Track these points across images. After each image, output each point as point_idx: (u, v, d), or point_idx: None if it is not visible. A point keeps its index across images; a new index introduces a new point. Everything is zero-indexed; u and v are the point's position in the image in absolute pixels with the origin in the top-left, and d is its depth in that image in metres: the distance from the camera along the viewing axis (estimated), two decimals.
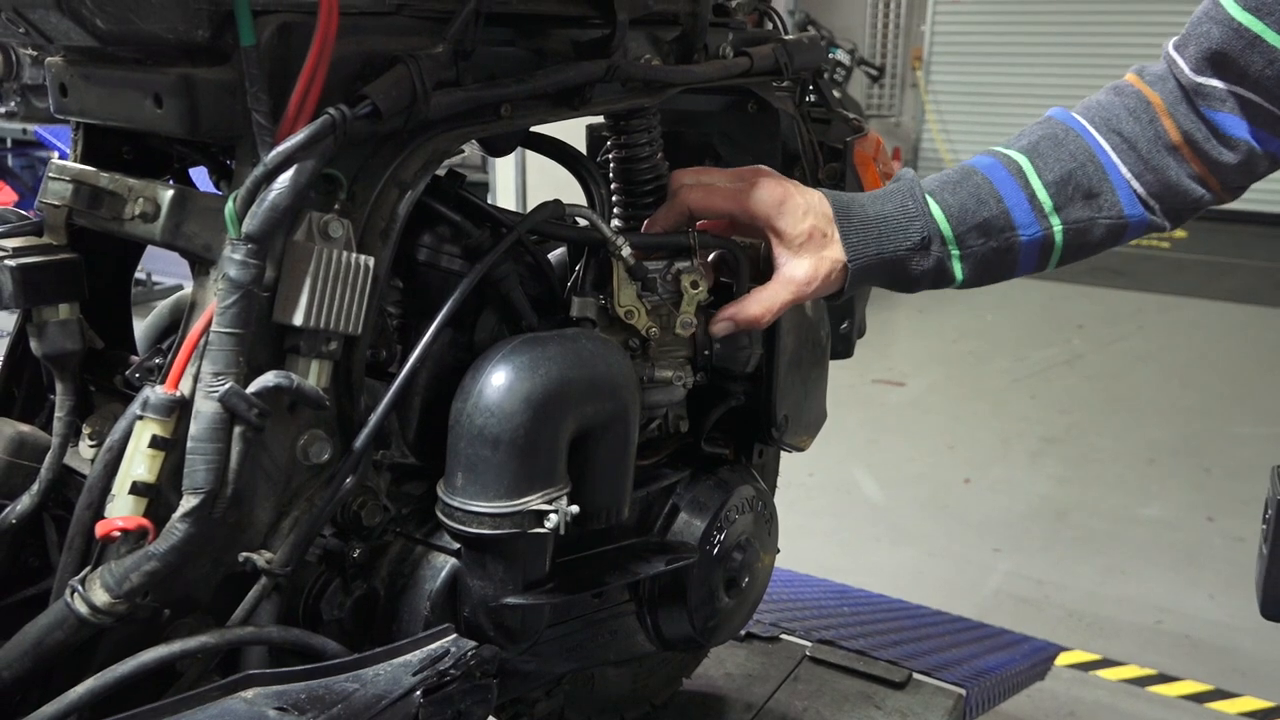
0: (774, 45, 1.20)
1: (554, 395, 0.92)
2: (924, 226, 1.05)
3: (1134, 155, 1.06)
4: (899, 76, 9.89)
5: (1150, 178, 1.06)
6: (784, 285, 1.05)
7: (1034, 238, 1.07)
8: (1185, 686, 2.66)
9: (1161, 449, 4.14)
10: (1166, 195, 1.07)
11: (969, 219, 1.06)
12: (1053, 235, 1.07)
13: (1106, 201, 1.07)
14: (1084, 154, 1.06)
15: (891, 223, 1.06)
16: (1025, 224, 1.06)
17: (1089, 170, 1.06)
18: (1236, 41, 0.99)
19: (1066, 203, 1.06)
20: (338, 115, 0.79)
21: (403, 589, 0.96)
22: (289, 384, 0.80)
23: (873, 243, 1.05)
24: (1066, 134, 1.08)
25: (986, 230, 1.06)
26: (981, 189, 1.06)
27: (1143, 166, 1.06)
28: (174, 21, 0.76)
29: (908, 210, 1.06)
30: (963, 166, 1.09)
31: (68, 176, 0.92)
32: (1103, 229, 1.08)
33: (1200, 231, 8.20)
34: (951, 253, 1.07)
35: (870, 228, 1.05)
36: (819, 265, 1.04)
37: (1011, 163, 1.07)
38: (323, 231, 0.82)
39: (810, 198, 1.05)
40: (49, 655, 0.78)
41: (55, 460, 0.93)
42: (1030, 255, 1.08)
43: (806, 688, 1.61)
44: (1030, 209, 1.06)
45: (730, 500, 1.20)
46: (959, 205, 1.06)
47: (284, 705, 0.73)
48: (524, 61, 0.97)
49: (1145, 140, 1.06)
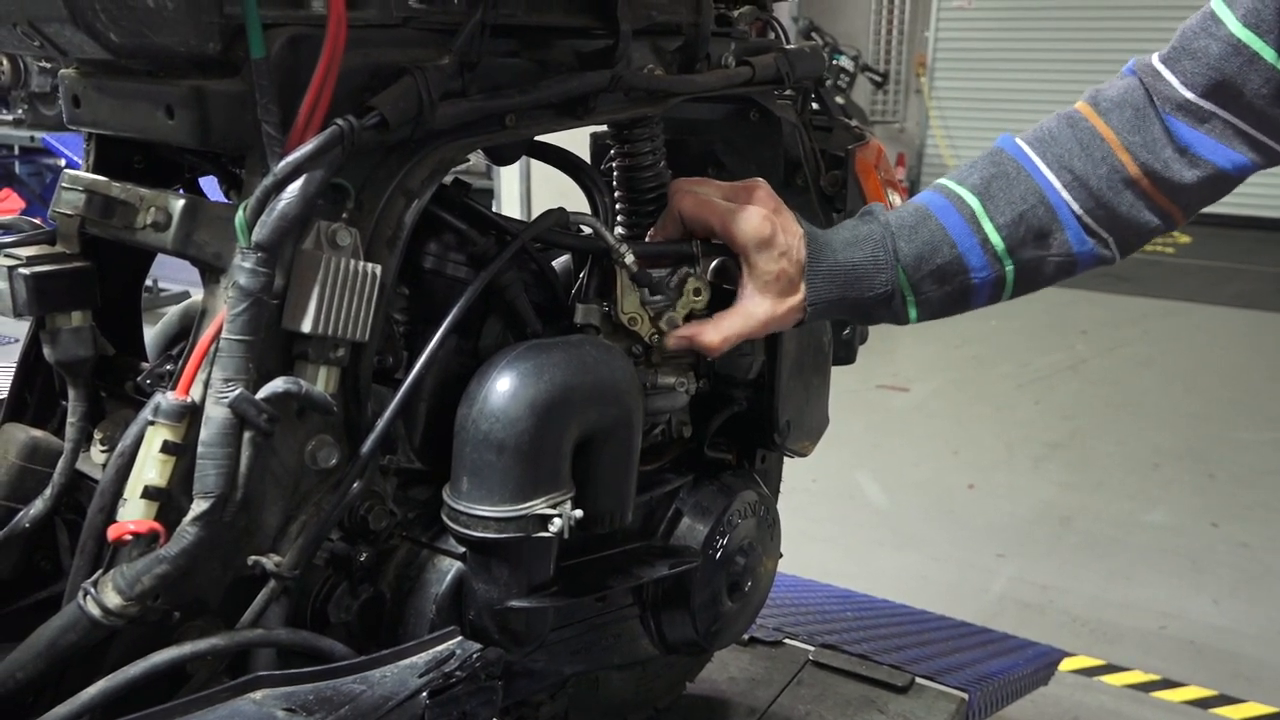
0: (776, 54, 1.21)
1: (558, 401, 0.93)
2: (890, 280, 1.07)
3: (1085, 192, 1.06)
4: (903, 82, 9.89)
5: (1102, 214, 1.07)
6: (744, 319, 1.07)
7: (986, 280, 1.08)
8: (1189, 692, 2.66)
9: (1165, 454, 4.13)
10: (1118, 229, 1.08)
11: (924, 266, 1.07)
12: (1004, 275, 1.09)
13: (1056, 240, 1.08)
14: (1034, 195, 1.07)
15: (860, 271, 1.07)
16: (978, 267, 1.08)
17: (1039, 212, 1.07)
18: (1235, 58, 0.97)
19: (1018, 245, 1.07)
20: (346, 126, 0.80)
21: (409, 592, 0.97)
22: (298, 390, 0.81)
23: (836, 288, 1.08)
24: (1018, 172, 1.08)
25: (941, 276, 1.08)
26: (936, 235, 1.07)
27: (1094, 203, 1.06)
28: (186, 35, 0.77)
29: (878, 261, 1.07)
30: (919, 208, 1.10)
31: (80, 186, 0.93)
32: (1052, 266, 1.09)
33: (1203, 237, 8.19)
34: (907, 298, 1.09)
35: (838, 275, 1.07)
36: (777, 308, 1.07)
37: (965, 206, 1.08)
38: (331, 240, 0.83)
39: (791, 238, 1.07)
40: (62, 657, 0.79)
41: (67, 465, 0.94)
42: (982, 294, 1.10)
43: (810, 692, 1.62)
44: (983, 253, 1.07)
45: (733, 505, 1.21)
46: (914, 254, 1.07)
47: (292, 706, 0.74)
48: (528, 72, 0.98)
49: (1097, 177, 1.06)
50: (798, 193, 1.28)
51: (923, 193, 1.12)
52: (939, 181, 1.13)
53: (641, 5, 1.04)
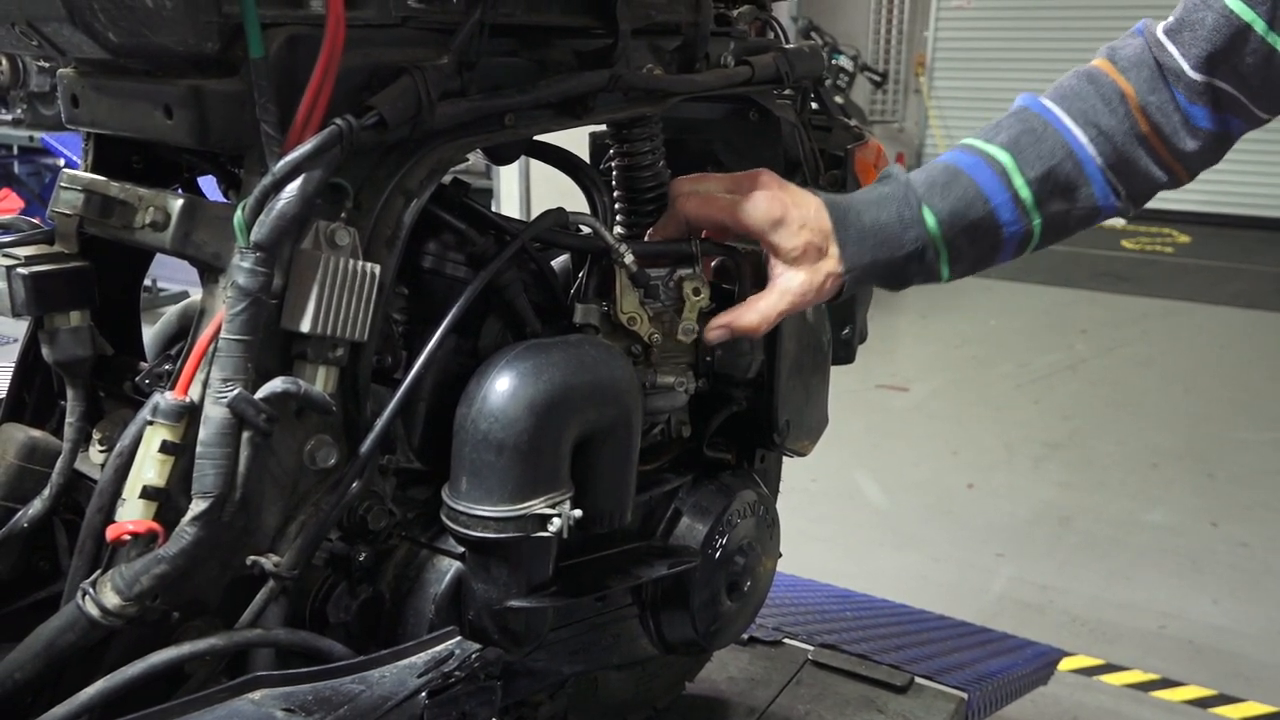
0: (775, 54, 1.21)
1: (557, 401, 0.93)
2: (919, 236, 1.07)
3: (1109, 146, 1.08)
4: (902, 82, 9.89)
5: (1122, 167, 1.09)
6: (780, 295, 1.07)
7: (1015, 234, 1.09)
8: (1189, 692, 2.66)
9: (1165, 454, 4.13)
10: (1134, 182, 1.10)
11: (959, 223, 1.08)
12: (1032, 229, 1.10)
13: (1082, 194, 1.09)
14: (1062, 150, 1.08)
15: (888, 231, 1.07)
16: (1010, 222, 1.08)
17: (1067, 167, 1.08)
18: (1226, 28, 1.01)
19: (1047, 199, 1.09)
20: (344, 125, 0.80)
21: (408, 592, 0.97)
22: (296, 390, 0.81)
23: (869, 252, 1.07)
24: (1045, 129, 1.09)
25: (974, 233, 1.08)
26: (969, 191, 1.08)
27: (1116, 157, 1.08)
28: (184, 34, 0.77)
29: (904, 218, 1.07)
30: (948, 166, 1.11)
31: (79, 186, 0.93)
32: (1075, 219, 1.11)
33: (1203, 236, 8.20)
34: (941, 255, 1.09)
35: (867, 238, 1.07)
36: (814, 277, 1.07)
37: (995, 162, 1.09)
38: (330, 240, 0.83)
39: (806, 210, 1.07)
40: (60, 657, 0.79)
41: (66, 465, 0.94)
42: (1009, 248, 1.11)
43: (809, 692, 1.62)
44: (1014, 208, 1.08)
45: (732, 505, 1.21)
46: (949, 211, 1.08)
47: (291, 706, 0.74)
48: (527, 72, 0.98)
49: (1120, 132, 1.08)
50: None
51: (948, 152, 1.13)
52: (965, 141, 1.13)
53: (640, 5, 1.04)
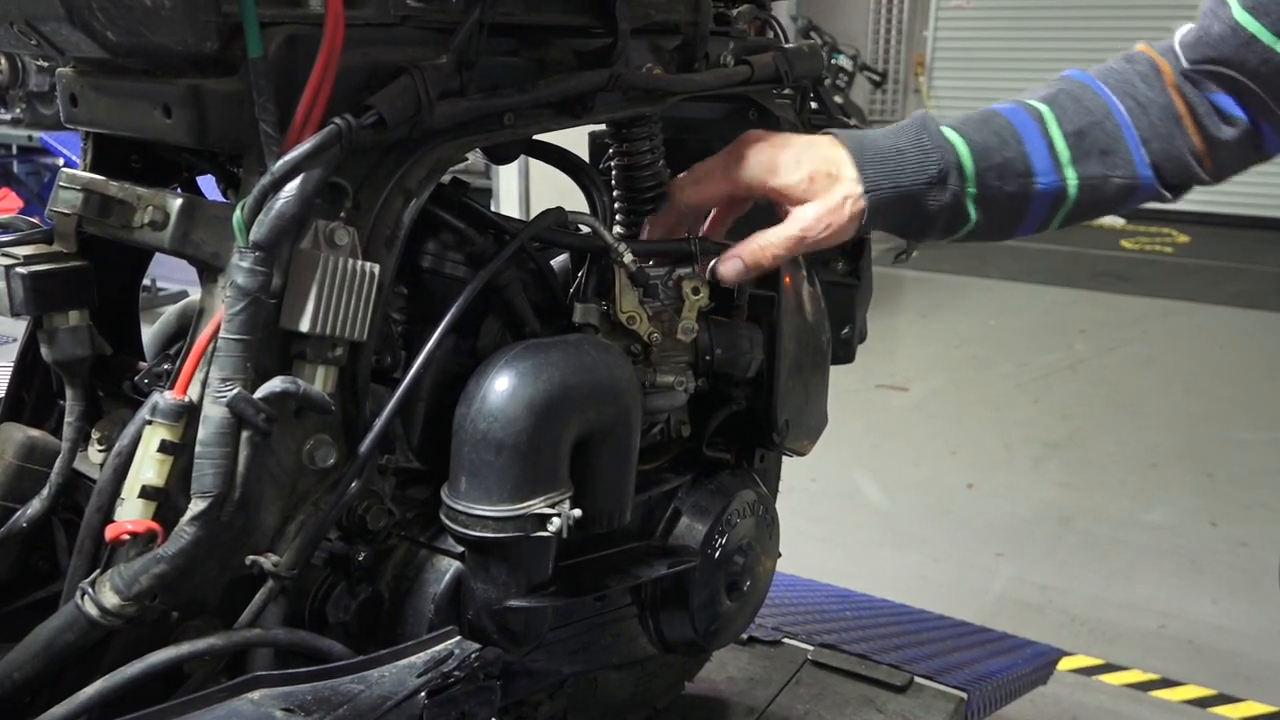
0: (774, 53, 1.21)
1: (556, 400, 0.93)
2: (941, 159, 1.02)
3: (1145, 120, 1.06)
4: (901, 82, 9.90)
5: (1157, 145, 1.06)
6: (793, 223, 1.01)
7: (1048, 187, 1.05)
8: (1188, 691, 2.66)
9: (1164, 454, 4.14)
10: (1169, 165, 1.07)
11: (991, 157, 1.04)
12: (1066, 188, 1.06)
13: (1121, 160, 1.06)
14: (1101, 110, 1.06)
15: (908, 156, 1.02)
16: (1043, 171, 1.04)
17: (1106, 127, 1.05)
18: (1233, 39, 1.01)
19: (1083, 156, 1.05)
20: (343, 125, 0.80)
21: (407, 592, 0.97)
22: (295, 389, 0.81)
23: (890, 175, 1.02)
24: (1084, 90, 1.08)
25: (1004, 172, 1.04)
26: (1004, 130, 1.05)
27: (1152, 132, 1.06)
28: (183, 34, 0.77)
29: (923, 144, 1.03)
30: (985, 110, 1.08)
31: (78, 185, 0.93)
32: (1114, 187, 1.07)
33: (1203, 236, 8.20)
34: (969, 190, 1.04)
35: (887, 160, 1.02)
36: (828, 201, 1.01)
37: (1034, 110, 1.06)
38: (329, 239, 0.83)
39: (801, 146, 1.03)
40: (59, 657, 0.79)
41: (65, 465, 0.94)
42: (1041, 206, 1.06)
43: (808, 691, 1.62)
44: (1049, 156, 1.05)
45: (732, 504, 1.21)
46: (981, 142, 1.04)
47: (290, 706, 0.74)
48: (527, 71, 0.98)
49: (1157, 107, 1.06)
50: None
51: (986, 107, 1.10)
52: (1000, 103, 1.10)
53: (640, 4, 1.04)
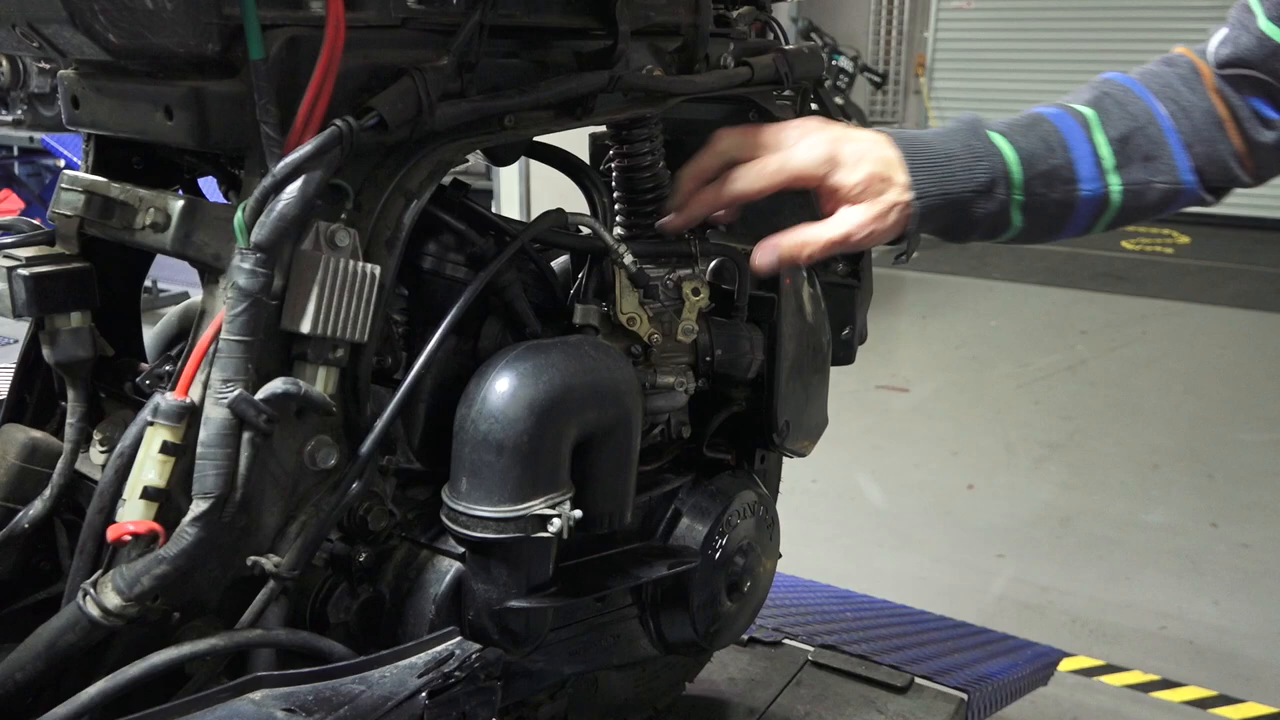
0: (775, 55, 1.21)
1: (557, 401, 0.93)
2: (990, 168, 1.02)
3: (1189, 124, 1.05)
4: (902, 83, 9.90)
5: (1200, 149, 1.06)
6: (838, 224, 1.00)
7: (1092, 194, 1.05)
8: (1189, 692, 2.66)
9: (1165, 455, 4.14)
10: (1211, 168, 1.07)
11: (1038, 165, 1.03)
12: (1109, 194, 1.05)
13: (1165, 165, 1.05)
14: (1145, 115, 1.05)
15: (958, 162, 1.02)
16: (1088, 178, 1.04)
17: (1150, 132, 1.05)
18: (1259, 49, 1.01)
19: (1127, 162, 1.05)
20: (345, 127, 0.80)
21: (408, 592, 0.97)
22: (297, 390, 0.81)
23: (939, 181, 1.01)
24: (1127, 94, 1.07)
25: (1051, 179, 1.03)
26: (1050, 137, 1.04)
27: (1195, 137, 1.06)
28: (185, 35, 0.77)
29: (974, 149, 1.02)
30: (1031, 113, 1.07)
31: (80, 187, 0.93)
32: (1158, 193, 1.06)
33: (1203, 237, 8.20)
34: (1015, 198, 1.03)
35: (938, 165, 1.01)
36: (875, 208, 1.00)
37: (1079, 115, 1.06)
38: (330, 241, 0.83)
39: (862, 142, 1.02)
40: (61, 657, 0.80)
41: (66, 466, 0.95)
42: (1084, 212, 1.06)
43: (809, 692, 1.62)
44: (1094, 163, 1.04)
45: (732, 505, 1.21)
46: (1029, 149, 1.03)
47: (292, 707, 0.74)
48: (527, 73, 0.99)
49: (1199, 111, 1.05)
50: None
51: (1031, 109, 1.09)
52: (1044, 105, 1.09)
53: (640, 6, 1.04)
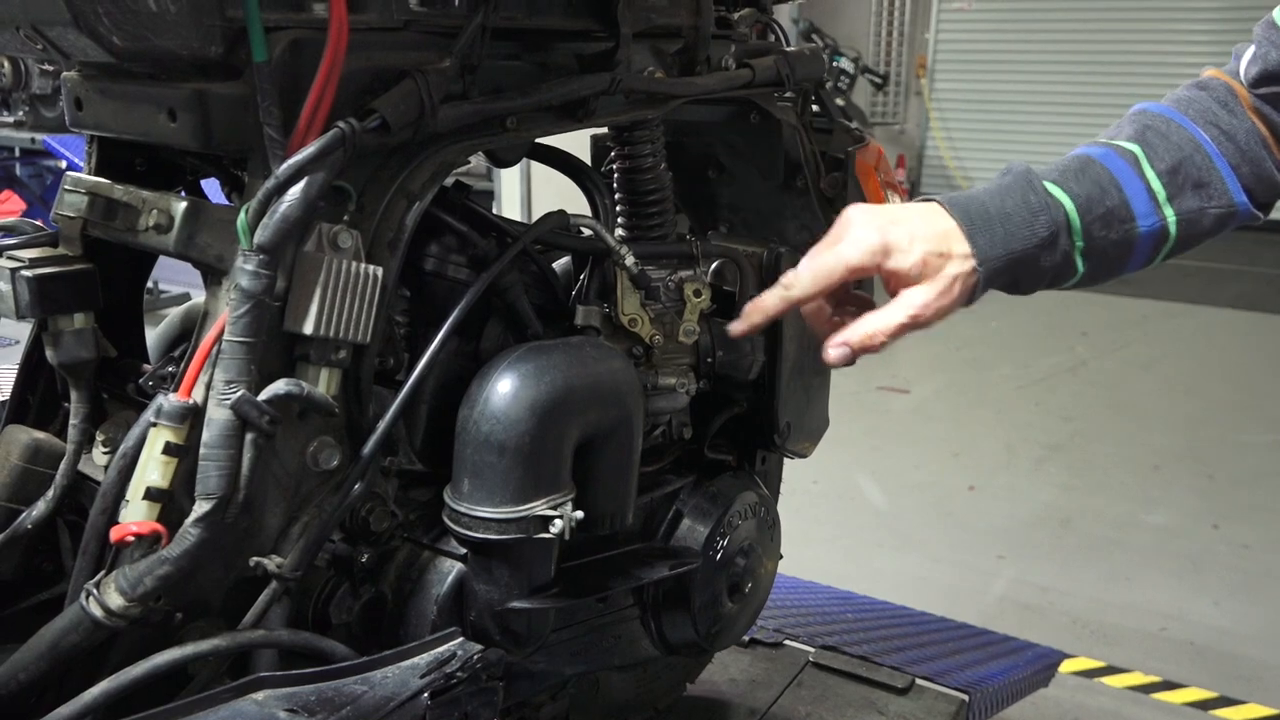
0: (776, 57, 1.22)
1: (558, 402, 0.93)
2: (1050, 221, 1.00)
3: (1232, 146, 1.05)
4: (903, 84, 9.89)
5: (1247, 170, 1.06)
6: (904, 306, 0.98)
7: (1151, 229, 1.04)
8: (1190, 694, 2.66)
9: (1166, 456, 4.13)
10: (1259, 186, 1.06)
11: (1095, 209, 1.02)
12: (1167, 226, 1.04)
13: (1216, 190, 1.05)
14: (1190, 144, 1.05)
15: (1017, 219, 1.00)
16: (1144, 214, 1.03)
17: (1197, 160, 1.05)
18: None
19: (1178, 192, 1.04)
20: (347, 128, 0.80)
21: (410, 593, 0.97)
22: (299, 392, 0.81)
23: (1001, 243, 0.99)
24: (1169, 125, 1.07)
25: (1109, 221, 1.02)
26: (1103, 178, 1.03)
27: (1240, 158, 1.05)
28: (188, 38, 0.78)
29: (1031, 204, 1.01)
30: (1079, 155, 1.07)
31: (83, 189, 0.93)
32: (1212, 219, 1.06)
33: None
34: (1077, 245, 1.02)
35: (996, 226, 1.00)
36: (938, 285, 0.97)
37: (1126, 152, 1.05)
38: (332, 242, 0.84)
39: (911, 222, 0.98)
40: (65, 657, 0.80)
41: (70, 466, 0.95)
42: (1144, 248, 1.05)
43: (810, 693, 1.62)
44: (1148, 199, 1.03)
45: (733, 506, 1.21)
46: (1085, 195, 1.02)
47: (294, 707, 0.74)
48: (529, 75, 0.99)
49: (1241, 132, 1.05)
50: (798, 195, 1.28)
51: (1076, 149, 1.08)
52: (1088, 143, 1.08)
53: (642, 8, 1.04)
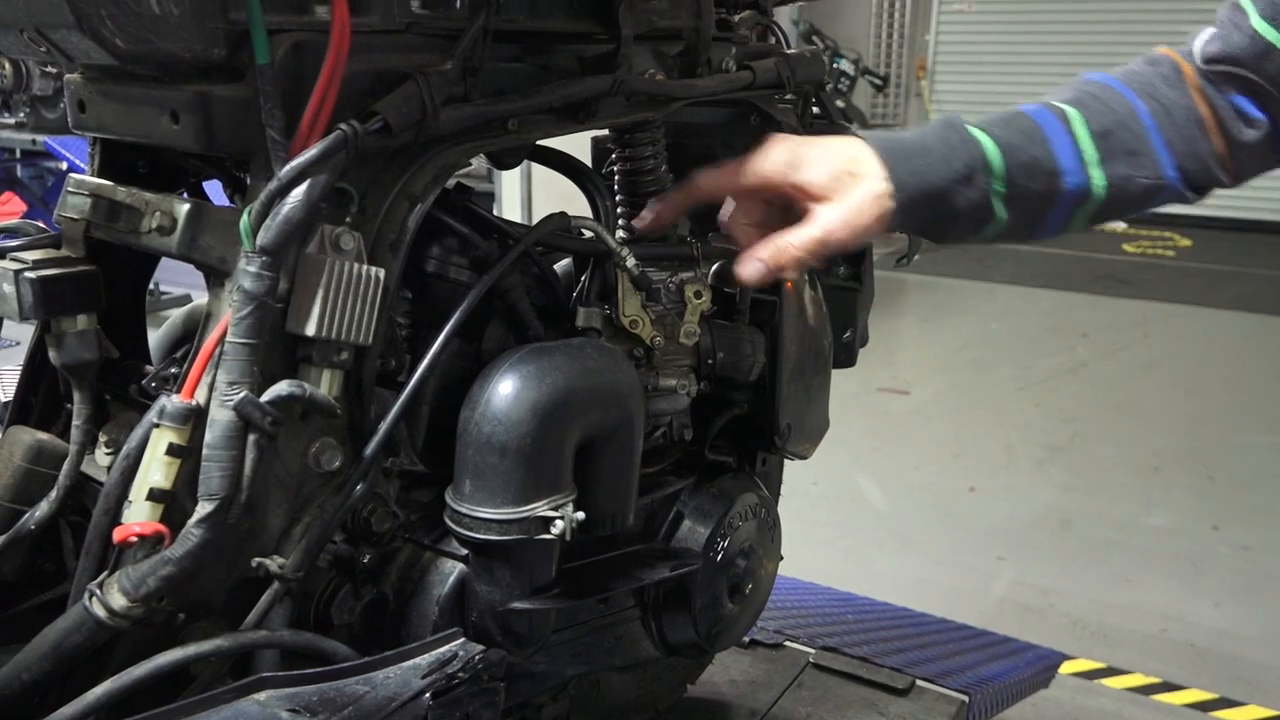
0: (776, 59, 1.22)
1: (560, 403, 0.93)
2: (968, 155, 1.01)
3: (1169, 122, 1.05)
4: (903, 86, 9.90)
5: (1182, 147, 1.06)
6: (815, 223, 0.99)
7: (1075, 187, 1.04)
8: (1190, 695, 2.66)
9: (1166, 457, 4.14)
10: (1193, 166, 1.06)
11: (1018, 155, 1.03)
12: (1092, 187, 1.05)
13: (1147, 161, 1.05)
14: (1126, 111, 1.05)
15: (935, 153, 1.01)
16: (1071, 170, 1.04)
17: (1132, 128, 1.05)
18: (1251, 49, 1.01)
19: (1110, 156, 1.04)
20: (349, 131, 0.81)
21: (412, 594, 0.97)
22: (302, 393, 0.82)
23: (917, 172, 1.01)
24: (1108, 92, 1.07)
25: (1033, 170, 1.03)
26: (1029, 129, 1.04)
27: (1176, 135, 1.05)
28: (191, 40, 0.78)
29: (949, 140, 1.02)
30: (1011, 110, 1.07)
31: (86, 191, 0.94)
32: (1140, 188, 1.06)
33: (1204, 240, 8.20)
34: (996, 189, 1.02)
35: (914, 157, 1.01)
36: (850, 202, 0.99)
37: (1059, 110, 1.06)
38: (334, 244, 0.84)
39: (826, 144, 1.01)
40: (67, 658, 0.80)
41: (72, 467, 0.95)
42: (1065, 206, 1.05)
43: (810, 694, 1.62)
44: (1075, 155, 1.04)
45: (734, 507, 1.21)
46: (1008, 140, 1.03)
47: (296, 707, 0.75)
48: (531, 77, 0.99)
49: (1180, 110, 1.05)
50: None
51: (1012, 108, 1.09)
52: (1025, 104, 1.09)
53: (643, 10, 1.05)
